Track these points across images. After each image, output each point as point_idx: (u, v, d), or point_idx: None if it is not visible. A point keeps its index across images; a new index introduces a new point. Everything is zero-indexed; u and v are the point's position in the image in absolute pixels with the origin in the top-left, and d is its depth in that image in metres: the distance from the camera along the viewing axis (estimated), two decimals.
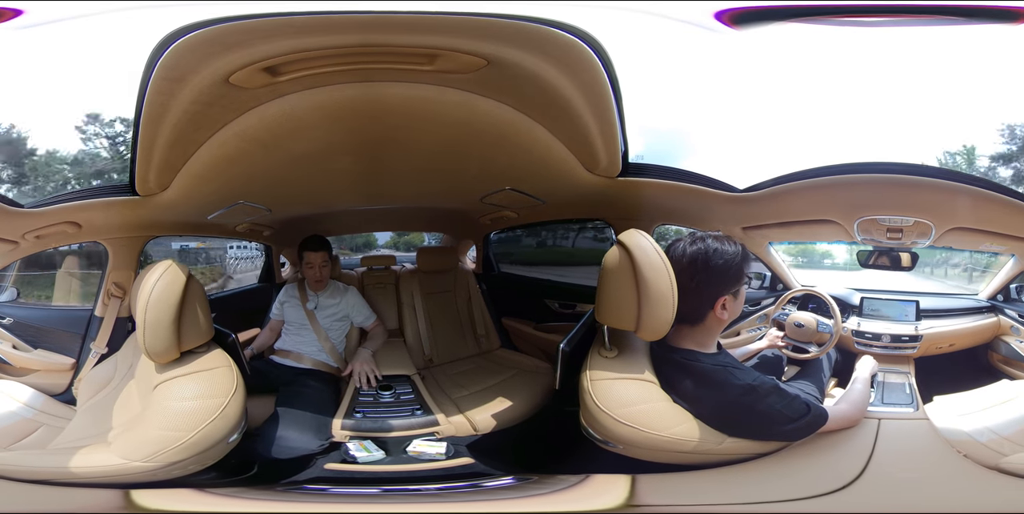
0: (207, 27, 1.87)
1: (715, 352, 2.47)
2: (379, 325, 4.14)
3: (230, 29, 1.88)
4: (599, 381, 2.43)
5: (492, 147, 2.82)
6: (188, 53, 1.94)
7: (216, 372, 2.51)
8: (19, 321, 3.53)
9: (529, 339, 4.77)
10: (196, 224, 3.94)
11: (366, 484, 2.84)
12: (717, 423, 2.33)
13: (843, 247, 4.10)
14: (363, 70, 2.15)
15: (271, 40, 1.95)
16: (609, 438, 2.38)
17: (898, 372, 3.17)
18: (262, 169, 2.95)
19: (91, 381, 3.23)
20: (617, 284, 2.40)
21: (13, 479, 2.35)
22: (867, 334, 3.34)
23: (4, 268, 3.45)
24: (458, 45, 2.03)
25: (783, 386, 2.39)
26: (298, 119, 2.42)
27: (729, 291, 2.34)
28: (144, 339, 2.43)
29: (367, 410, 3.40)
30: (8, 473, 2.38)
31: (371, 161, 3.09)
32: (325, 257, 3.94)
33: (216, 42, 1.92)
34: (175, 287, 2.47)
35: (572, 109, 2.37)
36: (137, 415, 2.50)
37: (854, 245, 3.33)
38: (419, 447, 3.14)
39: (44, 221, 3.04)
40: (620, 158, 2.79)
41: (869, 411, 2.64)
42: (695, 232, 2.41)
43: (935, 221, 2.99)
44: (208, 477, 2.46)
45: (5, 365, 3.41)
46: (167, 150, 2.51)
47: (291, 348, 3.90)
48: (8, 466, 2.42)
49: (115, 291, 3.50)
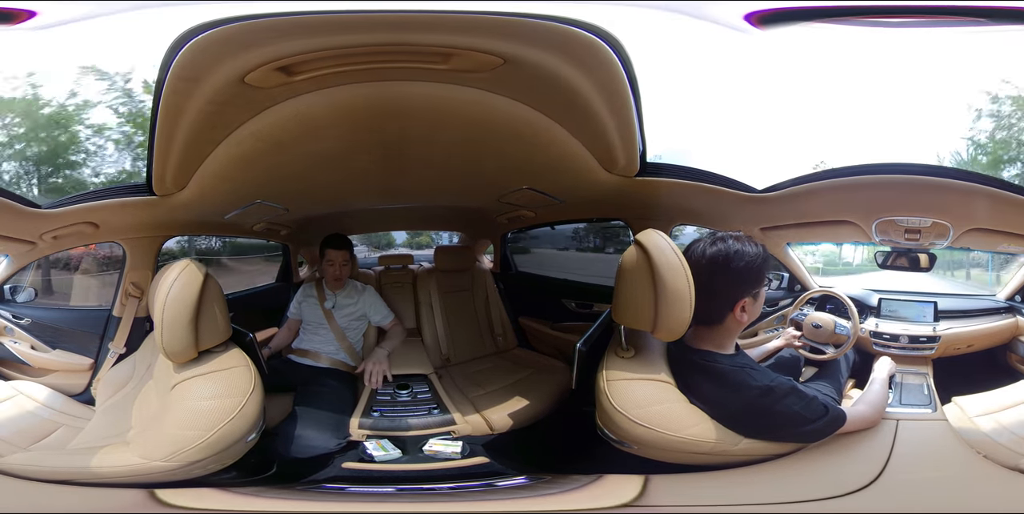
0: (221, 26, 1.87)
1: (733, 353, 2.44)
2: (397, 324, 4.13)
3: (244, 29, 1.88)
4: (615, 381, 2.42)
5: (509, 146, 2.81)
6: (202, 53, 1.94)
7: (234, 371, 2.52)
8: (37, 321, 3.53)
9: (546, 339, 4.76)
10: (213, 224, 3.96)
11: (382, 483, 2.86)
12: (734, 424, 2.32)
13: (856, 247, 4.08)
14: (378, 69, 2.14)
15: (285, 40, 1.95)
16: (625, 438, 2.37)
17: (916, 373, 3.14)
18: (279, 168, 2.96)
19: (109, 381, 3.24)
20: (634, 284, 2.38)
21: (34, 479, 2.36)
22: (885, 335, 3.31)
23: (22, 268, 3.47)
24: (473, 44, 2.02)
25: (801, 387, 2.37)
26: (314, 118, 2.42)
27: (749, 293, 2.32)
28: (162, 339, 2.44)
29: (384, 409, 3.42)
30: (29, 473, 2.38)
31: (388, 160, 3.09)
32: (346, 256, 3.95)
33: (231, 42, 1.92)
34: (192, 287, 2.47)
35: (590, 108, 2.35)
36: (155, 415, 2.50)
37: (872, 246, 3.32)
38: (435, 446, 3.16)
39: (61, 221, 3.05)
40: (638, 157, 2.77)
41: (887, 412, 2.62)
42: (715, 232, 2.38)
43: (953, 222, 2.97)
44: (229, 476, 2.46)
45: (23, 366, 3.41)
46: (184, 150, 2.51)
47: (309, 347, 3.91)
48: (28, 466, 2.43)
49: (133, 291, 3.50)
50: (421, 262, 5.37)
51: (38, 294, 3.63)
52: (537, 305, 4.95)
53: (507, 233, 5.23)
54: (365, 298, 4.07)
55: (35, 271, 3.60)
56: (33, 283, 3.63)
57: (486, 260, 5.56)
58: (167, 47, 1.95)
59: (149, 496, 2.30)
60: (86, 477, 2.32)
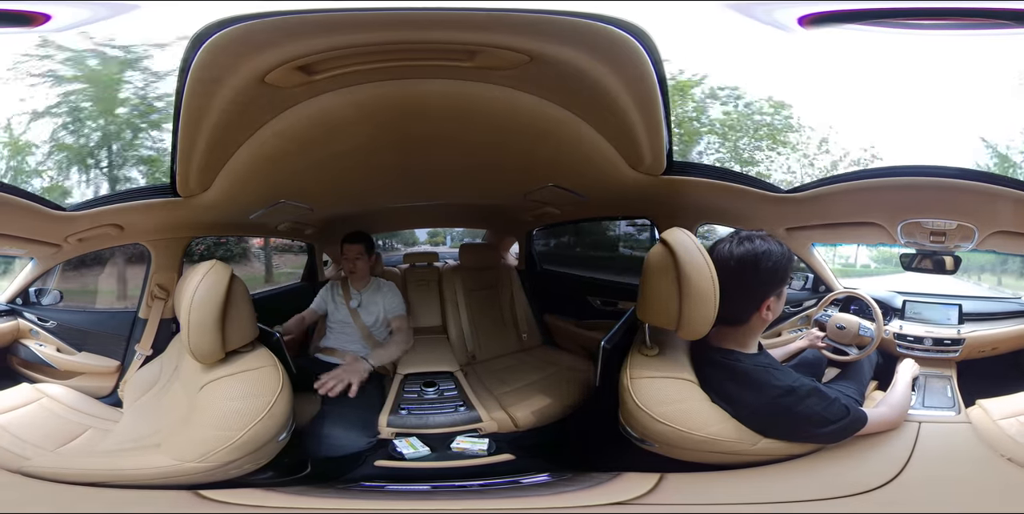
0: (237, 24, 1.85)
1: (756, 353, 2.45)
2: (403, 329, 4.02)
3: (260, 27, 1.87)
4: (639, 379, 2.43)
5: (535, 143, 2.79)
6: (221, 53, 1.93)
7: (262, 371, 2.52)
8: (63, 324, 3.55)
9: (570, 336, 4.75)
10: (238, 224, 3.97)
11: (416, 481, 2.86)
12: (754, 424, 2.32)
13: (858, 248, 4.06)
14: (399, 67, 2.12)
15: (303, 38, 1.94)
16: (646, 436, 2.38)
17: (940, 376, 3.12)
18: (303, 168, 2.95)
19: (137, 383, 3.25)
20: (659, 282, 2.38)
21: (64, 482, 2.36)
22: (909, 337, 3.28)
23: (47, 271, 3.49)
24: (500, 41, 1.99)
25: (823, 388, 2.37)
26: (336, 117, 2.41)
27: (775, 292, 2.33)
28: (189, 340, 2.44)
29: (412, 407, 3.43)
30: (58, 476, 2.38)
31: (412, 157, 3.08)
32: (361, 249, 3.95)
33: (248, 41, 1.91)
34: (219, 287, 2.47)
35: (617, 105, 2.32)
36: (185, 416, 2.50)
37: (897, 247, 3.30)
38: (462, 443, 3.17)
39: (86, 224, 3.07)
40: (665, 156, 2.76)
41: (910, 414, 2.62)
42: (740, 231, 2.38)
43: (978, 224, 2.94)
44: (266, 477, 2.47)
45: (49, 368, 3.43)
46: (207, 151, 2.51)
47: (336, 345, 3.93)
48: (58, 469, 2.43)
49: (158, 293, 3.51)
50: (446, 260, 5.38)
51: (63, 297, 3.65)
52: (562, 302, 4.95)
53: (532, 230, 5.22)
54: (383, 293, 4.07)
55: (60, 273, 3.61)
56: (58, 286, 3.64)
57: (511, 257, 5.56)
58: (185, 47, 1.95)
59: (194, 494, 2.30)
60: (119, 479, 2.32)
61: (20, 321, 3.44)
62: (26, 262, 3.41)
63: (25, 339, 3.44)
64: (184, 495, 2.29)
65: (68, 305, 3.69)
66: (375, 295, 4.03)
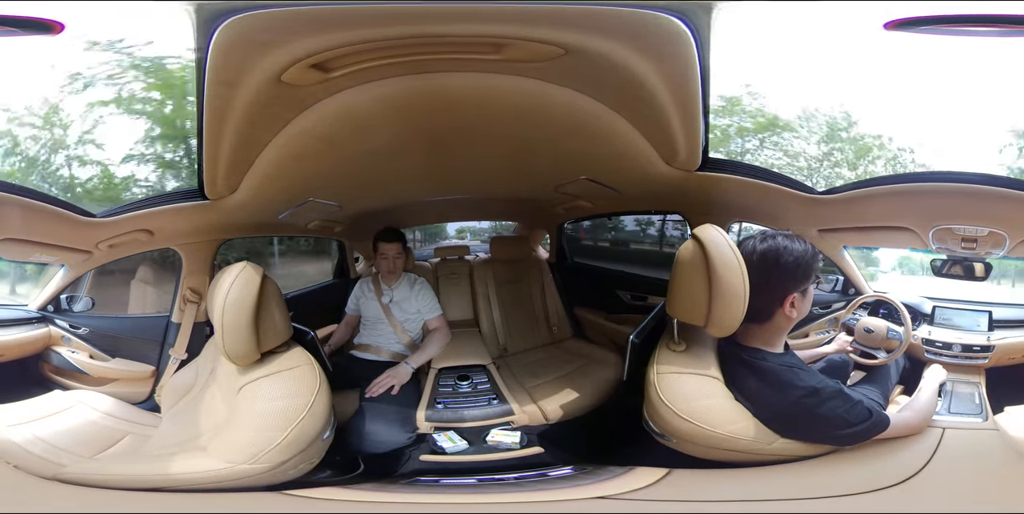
0: (243, 13, 1.79)
1: (782, 352, 2.47)
2: (441, 327, 4.03)
3: (261, 26, 1.83)
4: (665, 374, 2.45)
5: (567, 137, 2.76)
6: (234, 52, 1.91)
7: (299, 371, 2.53)
8: (95, 331, 3.57)
9: (600, 329, 4.76)
10: (268, 224, 3.97)
11: (461, 474, 2.90)
12: (775, 423, 2.34)
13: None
14: (419, 61, 2.08)
15: (310, 35, 1.89)
16: (667, 432, 2.40)
17: (968, 382, 3.10)
18: (329, 165, 2.95)
19: (173, 387, 3.27)
20: (689, 278, 2.39)
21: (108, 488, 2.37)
22: (937, 343, 3.25)
23: (78, 278, 3.50)
24: (527, 34, 1.94)
25: (847, 390, 2.37)
26: (359, 113, 2.40)
27: (798, 289, 2.35)
28: (224, 342, 2.45)
29: (447, 400, 3.47)
30: (98, 482, 2.40)
31: (440, 152, 3.07)
32: (399, 249, 3.97)
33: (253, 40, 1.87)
34: (251, 289, 2.47)
35: (655, 100, 2.28)
36: (225, 419, 2.51)
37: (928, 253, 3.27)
38: (496, 437, 3.22)
39: (117, 230, 3.08)
40: (700, 151, 2.73)
41: (934, 420, 2.61)
42: (766, 231, 2.43)
43: (1009, 232, 2.92)
44: (324, 476, 2.52)
45: (82, 375, 3.45)
46: (232, 153, 2.51)
47: (370, 342, 3.95)
48: (97, 475, 2.45)
49: (191, 296, 3.53)
50: (477, 253, 5.39)
51: (95, 303, 3.66)
52: (592, 296, 4.96)
53: (563, 223, 5.22)
54: (416, 291, 4.07)
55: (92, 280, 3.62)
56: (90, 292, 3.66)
57: (542, 250, 5.56)
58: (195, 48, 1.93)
59: (280, 496, 2.34)
60: (169, 484, 2.32)
61: (52, 328, 3.45)
62: (57, 269, 3.42)
63: (57, 346, 3.44)
64: (268, 494, 2.33)
65: (100, 311, 3.70)
66: (407, 291, 4.03)
